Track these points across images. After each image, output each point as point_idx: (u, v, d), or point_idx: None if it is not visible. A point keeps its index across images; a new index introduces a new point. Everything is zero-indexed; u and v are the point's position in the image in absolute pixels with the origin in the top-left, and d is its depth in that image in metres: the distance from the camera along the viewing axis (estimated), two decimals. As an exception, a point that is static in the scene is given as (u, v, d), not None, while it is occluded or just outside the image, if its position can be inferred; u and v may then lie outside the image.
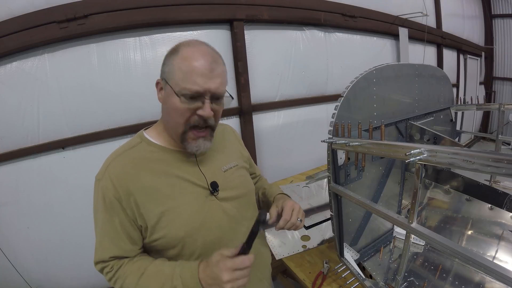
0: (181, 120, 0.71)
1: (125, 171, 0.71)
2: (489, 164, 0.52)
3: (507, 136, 2.03)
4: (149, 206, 0.71)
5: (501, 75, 6.05)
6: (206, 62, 0.69)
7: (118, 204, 0.70)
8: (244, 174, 0.92)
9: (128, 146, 0.78)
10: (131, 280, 0.69)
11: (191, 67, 0.68)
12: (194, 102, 0.69)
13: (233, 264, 0.62)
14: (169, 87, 0.70)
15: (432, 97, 1.56)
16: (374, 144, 0.82)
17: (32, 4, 1.55)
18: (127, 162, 0.73)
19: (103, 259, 0.72)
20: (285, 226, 0.82)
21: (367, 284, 1.06)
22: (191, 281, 0.66)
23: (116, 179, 0.70)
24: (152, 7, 1.80)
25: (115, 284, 0.72)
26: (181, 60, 0.69)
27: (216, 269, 0.63)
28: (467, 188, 1.27)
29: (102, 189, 0.71)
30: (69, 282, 1.91)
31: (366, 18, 2.94)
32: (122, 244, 0.72)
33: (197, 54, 0.69)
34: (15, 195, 1.70)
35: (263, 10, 2.21)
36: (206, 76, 0.68)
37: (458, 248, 0.60)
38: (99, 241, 0.74)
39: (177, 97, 0.68)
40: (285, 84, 2.52)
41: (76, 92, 1.72)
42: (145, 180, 0.72)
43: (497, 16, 5.83)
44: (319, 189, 2.10)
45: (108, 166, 0.73)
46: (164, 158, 0.76)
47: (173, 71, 0.69)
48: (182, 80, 0.68)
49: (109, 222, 0.71)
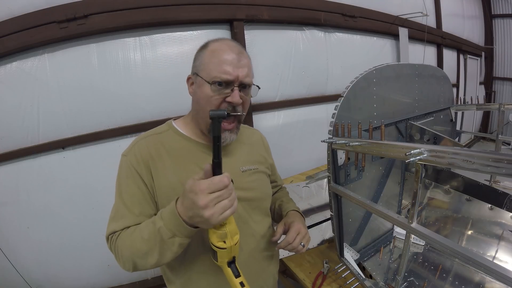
0: (211, 108, 0.74)
1: (148, 151, 0.76)
2: (489, 164, 0.52)
3: (507, 136, 2.03)
4: (164, 191, 0.74)
5: (501, 75, 6.05)
6: (234, 53, 0.74)
7: (139, 177, 0.74)
8: (262, 178, 0.91)
9: (156, 131, 0.83)
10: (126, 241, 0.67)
11: (220, 58, 0.73)
12: (224, 90, 0.73)
13: (208, 184, 0.54)
14: (199, 78, 0.75)
15: (432, 97, 1.56)
16: (374, 144, 0.82)
17: (32, 4, 1.55)
18: (152, 145, 0.78)
19: (115, 229, 0.71)
20: (286, 248, 0.83)
21: (367, 284, 1.06)
22: (171, 217, 0.60)
23: (141, 156, 0.75)
24: (152, 7, 1.80)
25: (117, 254, 0.69)
26: (210, 52, 0.75)
27: (191, 194, 0.55)
28: (467, 188, 1.27)
29: (127, 163, 0.75)
30: (69, 282, 1.91)
31: (366, 18, 2.94)
32: (138, 216, 0.71)
33: (225, 47, 0.75)
34: (15, 195, 1.70)
35: (263, 10, 2.21)
36: (234, 65, 0.73)
37: (458, 248, 0.60)
38: (114, 212, 0.74)
39: (208, 85, 0.72)
40: (285, 84, 2.52)
41: (76, 92, 1.73)
42: (166, 166, 0.75)
43: (497, 16, 5.83)
44: (319, 189, 2.10)
45: (135, 145, 0.78)
46: (188, 148, 0.80)
47: (203, 63, 0.75)
48: (212, 70, 0.72)
49: (129, 193, 0.73)
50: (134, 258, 0.66)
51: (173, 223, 0.60)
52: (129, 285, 2.05)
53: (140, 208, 0.72)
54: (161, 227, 0.61)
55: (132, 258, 0.66)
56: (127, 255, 0.67)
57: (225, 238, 0.58)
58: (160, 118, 1.90)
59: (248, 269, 0.80)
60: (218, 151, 0.55)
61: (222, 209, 0.55)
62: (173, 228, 0.60)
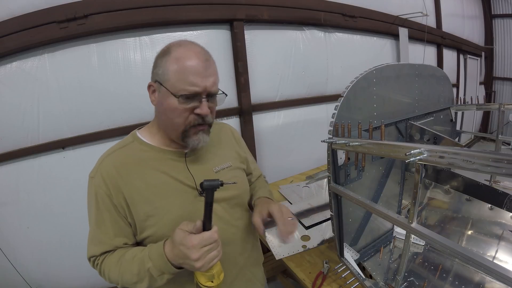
0: (180, 120, 0.72)
1: (116, 169, 0.73)
2: (489, 164, 0.52)
3: (507, 136, 2.03)
4: (137, 205, 0.72)
5: (501, 75, 6.05)
6: (200, 61, 0.69)
7: (109, 201, 0.72)
8: (238, 175, 0.90)
9: (120, 145, 0.80)
10: (114, 270, 0.71)
11: (186, 68, 0.68)
12: (192, 102, 0.70)
13: (199, 241, 0.61)
14: (164, 89, 0.71)
15: (432, 97, 1.56)
16: (374, 144, 0.82)
17: (32, 4, 1.55)
18: (118, 161, 0.75)
19: (94, 254, 0.75)
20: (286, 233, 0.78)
21: (367, 284, 1.06)
22: (160, 260, 0.65)
23: (107, 176, 0.72)
24: (152, 7, 1.80)
25: (104, 276, 0.75)
26: (175, 60, 0.69)
27: (183, 248, 0.61)
28: (467, 188, 1.27)
29: (94, 187, 0.74)
30: (69, 282, 1.91)
31: (366, 18, 2.94)
32: (113, 240, 0.73)
33: (190, 54, 0.70)
34: (15, 195, 1.70)
35: (263, 10, 2.21)
36: (202, 75, 0.69)
37: (458, 248, 0.60)
38: (91, 237, 0.76)
39: (175, 98, 0.69)
40: (285, 84, 2.52)
41: (76, 92, 1.72)
42: (135, 179, 0.73)
43: (497, 16, 5.83)
44: (319, 189, 2.11)
45: (100, 164, 0.75)
46: (155, 157, 0.77)
47: (167, 73, 0.70)
48: (178, 81, 0.68)
49: (100, 218, 0.73)
50: (124, 284, 0.72)
51: (162, 265, 0.65)
52: (129, 285, 2.05)
53: (114, 231, 0.73)
54: (151, 267, 0.66)
55: (122, 283, 0.72)
56: (115, 280, 0.72)
57: (213, 278, 0.65)
58: (160, 118, 1.90)
59: (234, 262, 0.83)
60: (210, 214, 0.63)
61: (211, 259, 0.62)
62: (162, 268, 0.66)
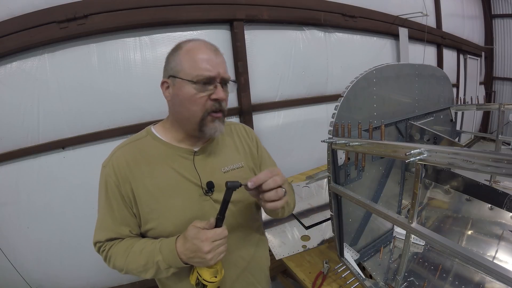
0: (197, 108, 0.73)
1: (126, 162, 0.76)
2: (489, 164, 0.52)
3: (507, 136, 2.03)
4: (143, 197, 0.75)
5: (501, 75, 6.04)
6: (210, 51, 0.74)
7: (117, 190, 0.75)
8: (247, 177, 0.87)
9: (134, 138, 0.83)
10: (120, 258, 0.74)
11: (198, 57, 0.72)
12: (207, 88, 0.73)
13: (213, 235, 0.65)
14: (179, 80, 0.73)
15: (432, 97, 1.56)
16: (374, 144, 0.82)
17: (32, 4, 1.55)
18: (130, 153, 0.78)
19: (100, 239, 0.77)
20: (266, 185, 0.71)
21: (367, 284, 1.06)
22: (170, 255, 0.69)
23: (118, 167, 0.75)
24: (152, 7, 1.80)
25: (109, 262, 0.77)
26: (186, 52, 0.73)
27: (196, 241, 0.65)
28: (467, 188, 1.27)
29: (105, 176, 0.76)
30: (69, 282, 1.91)
31: (366, 18, 2.94)
32: (118, 228, 0.76)
33: (200, 45, 0.74)
34: (15, 195, 1.70)
35: (263, 10, 2.21)
36: (213, 62, 0.73)
37: (458, 248, 0.60)
38: (99, 223, 0.79)
39: (191, 84, 0.71)
40: (285, 84, 2.52)
41: (76, 92, 1.73)
42: (143, 172, 0.76)
43: (497, 16, 5.83)
44: (319, 189, 2.10)
45: (113, 155, 0.78)
46: (165, 153, 0.79)
47: (181, 64, 0.73)
48: (191, 68, 0.71)
49: (108, 206, 0.76)
50: (128, 271, 0.75)
51: (171, 260, 0.69)
52: (129, 285, 2.05)
53: (120, 219, 0.76)
54: (160, 260, 0.70)
55: (126, 271, 0.75)
56: (119, 267, 0.76)
57: (217, 274, 0.71)
58: (160, 118, 1.88)
59: (235, 264, 0.83)
60: (224, 210, 0.68)
61: (219, 253, 0.67)
62: (170, 263, 0.70)
